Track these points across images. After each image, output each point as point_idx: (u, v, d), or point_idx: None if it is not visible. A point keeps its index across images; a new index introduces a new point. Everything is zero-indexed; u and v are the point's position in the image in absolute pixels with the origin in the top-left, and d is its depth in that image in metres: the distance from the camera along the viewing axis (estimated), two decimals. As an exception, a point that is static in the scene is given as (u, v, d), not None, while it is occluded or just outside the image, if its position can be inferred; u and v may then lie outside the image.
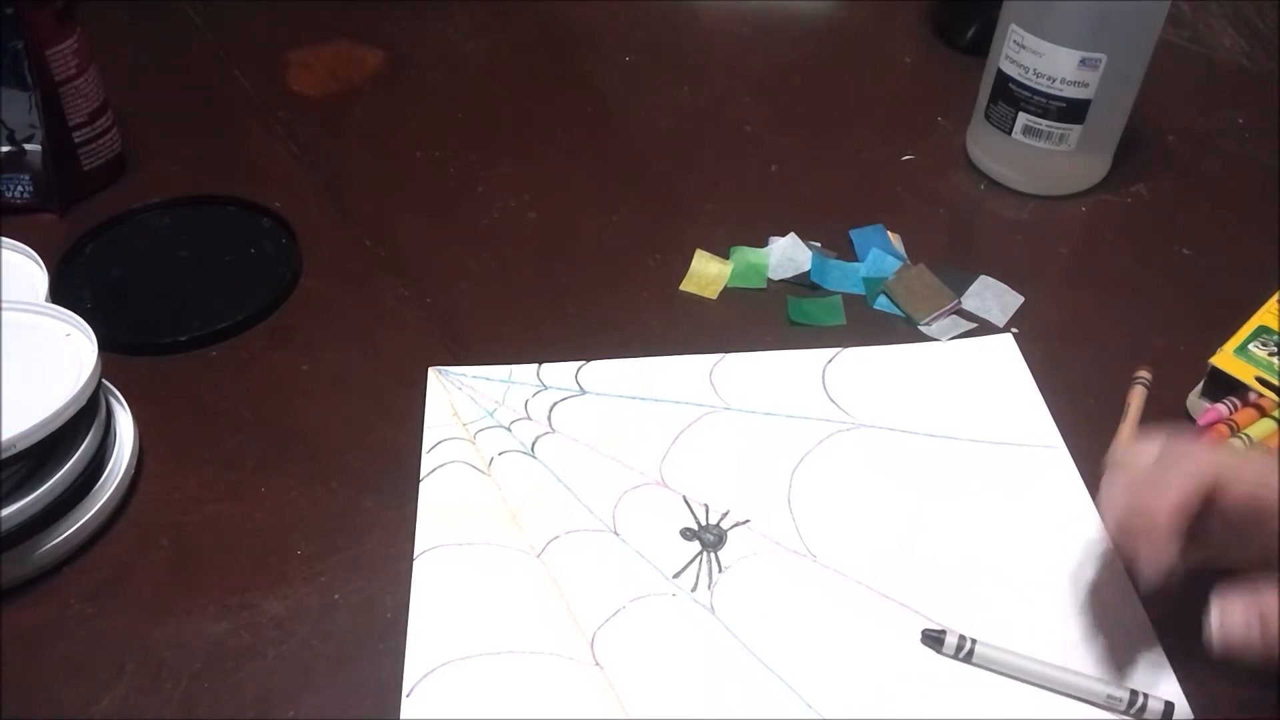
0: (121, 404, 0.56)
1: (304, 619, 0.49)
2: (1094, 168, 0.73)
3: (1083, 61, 0.65)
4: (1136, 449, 0.44)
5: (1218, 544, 0.42)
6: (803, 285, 0.66)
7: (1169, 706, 0.46)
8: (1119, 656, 0.48)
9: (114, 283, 0.65)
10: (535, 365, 0.61)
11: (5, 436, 0.47)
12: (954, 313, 0.64)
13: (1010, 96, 0.69)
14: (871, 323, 0.64)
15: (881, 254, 0.67)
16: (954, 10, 0.86)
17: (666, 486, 0.55)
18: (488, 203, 0.72)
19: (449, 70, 0.84)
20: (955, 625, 0.49)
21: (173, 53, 0.84)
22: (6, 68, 0.65)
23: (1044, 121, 0.68)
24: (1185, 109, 0.80)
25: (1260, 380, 0.56)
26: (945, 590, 0.50)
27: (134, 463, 0.55)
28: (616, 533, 0.53)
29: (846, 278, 0.66)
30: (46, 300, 0.58)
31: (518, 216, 0.71)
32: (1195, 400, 0.59)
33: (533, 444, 0.57)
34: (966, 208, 0.72)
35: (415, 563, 0.51)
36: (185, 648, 0.48)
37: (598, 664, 0.48)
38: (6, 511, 0.48)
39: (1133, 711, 0.46)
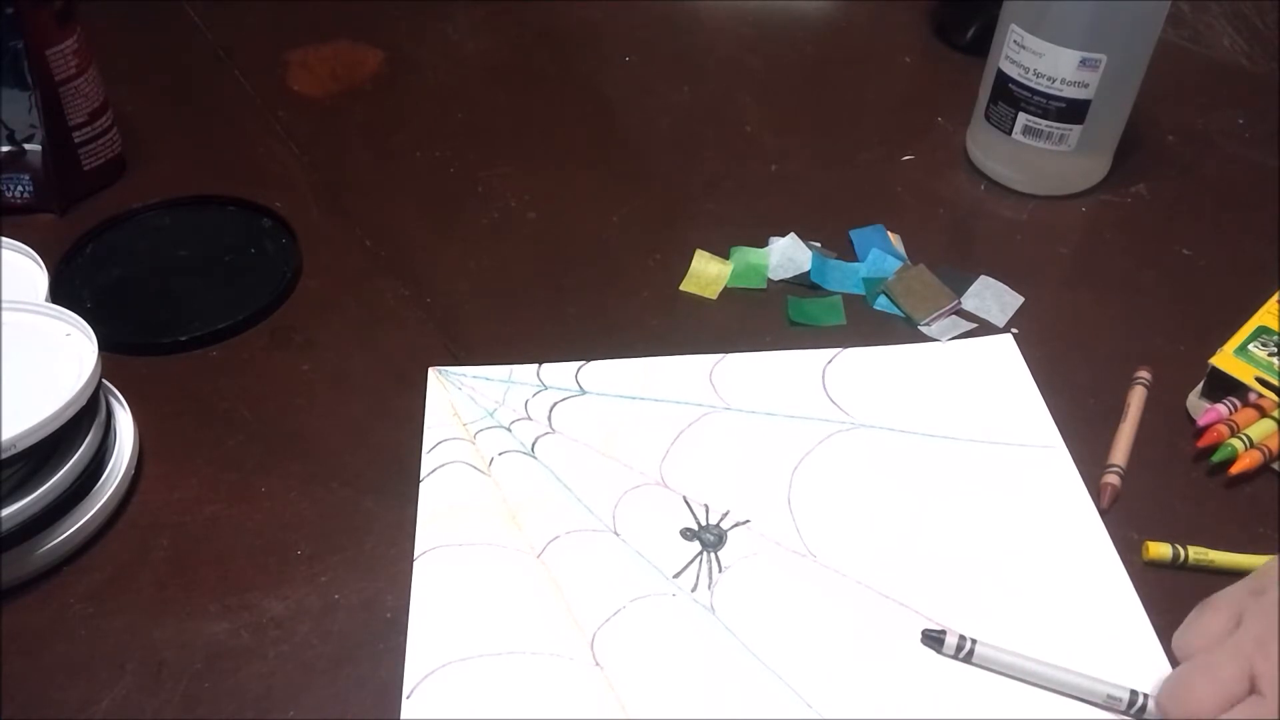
0: (121, 404, 0.56)
1: (304, 619, 0.49)
2: (1094, 168, 0.73)
3: (1083, 61, 0.65)
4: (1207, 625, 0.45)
5: None
6: (803, 285, 0.66)
7: (1169, 706, 0.46)
8: (1119, 656, 0.48)
9: (114, 283, 0.65)
10: (535, 365, 0.61)
11: (5, 436, 0.47)
12: (954, 313, 0.64)
13: (1010, 96, 0.69)
14: (871, 323, 0.64)
15: (881, 254, 0.67)
16: (954, 10, 0.86)
17: (666, 486, 0.55)
18: (488, 203, 0.72)
19: (449, 70, 0.84)
20: (955, 625, 0.49)
21: (173, 53, 0.84)
22: (6, 68, 0.65)
23: (1044, 121, 0.68)
24: (1185, 109, 0.80)
25: (1260, 380, 0.56)
26: (945, 590, 0.50)
27: (134, 463, 0.55)
28: (616, 533, 0.53)
29: (846, 278, 0.66)
30: (46, 300, 0.58)
31: (518, 216, 0.71)
32: (1195, 400, 0.59)
33: (533, 444, 0.57)
34: (966, 208, 0.72)
35: (415, 563, 0.51)
36: (185, 648, 0.48)
37: (598, 664, 0.48)
38: (6, 511, 0.48)
39: (1133, 711, 0.46)
